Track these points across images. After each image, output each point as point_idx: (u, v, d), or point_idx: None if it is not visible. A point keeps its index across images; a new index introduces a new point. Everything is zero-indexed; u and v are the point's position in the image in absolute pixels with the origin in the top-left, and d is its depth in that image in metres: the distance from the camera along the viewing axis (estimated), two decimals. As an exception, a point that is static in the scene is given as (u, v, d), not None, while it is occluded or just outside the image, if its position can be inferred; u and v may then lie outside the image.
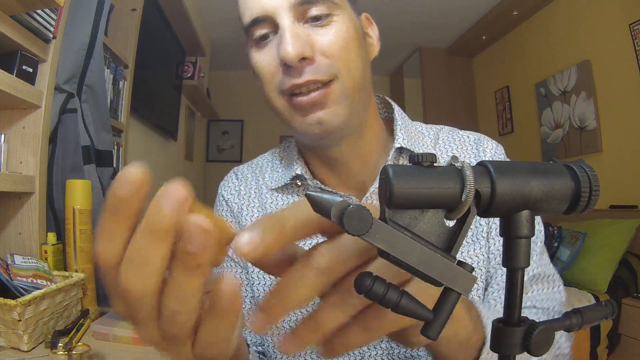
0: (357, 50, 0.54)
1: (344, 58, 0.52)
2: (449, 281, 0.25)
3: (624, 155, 2.77)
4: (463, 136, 0.65)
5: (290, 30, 0.51)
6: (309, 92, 0.52)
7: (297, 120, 0.54)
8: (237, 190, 0.68)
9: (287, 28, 0.51)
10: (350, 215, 0.22)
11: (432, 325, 0.25)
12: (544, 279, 0.58)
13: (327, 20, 0.52)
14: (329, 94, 0.52)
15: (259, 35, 0.54)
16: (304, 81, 0.51)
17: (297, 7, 0.51)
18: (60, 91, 1.30)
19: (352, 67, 0.53)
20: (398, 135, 0.60)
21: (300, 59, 0.50)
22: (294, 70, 0.51)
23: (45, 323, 0.87)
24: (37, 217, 1.11)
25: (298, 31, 0.51)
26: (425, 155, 0.25)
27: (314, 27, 0.52)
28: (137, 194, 0.22)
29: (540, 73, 3.53)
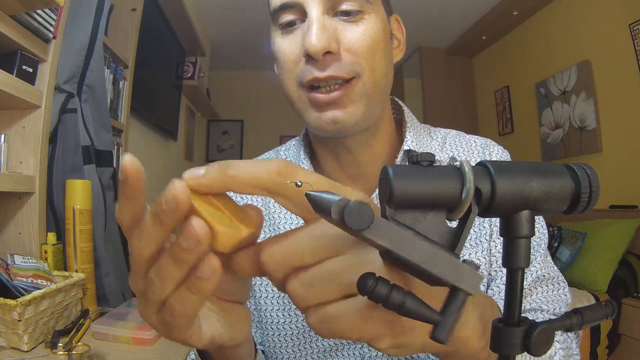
0: (383, 51, 0.53)
1: (369, 57, 0.52)
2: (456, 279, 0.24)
3: (624, 155, 2.77)
4: (470, 140, 0.65)
5: (319, 21, 0.49)
6: (329, 90, 0.51)
7: (311, 115, 0.53)
8: None
9: (315, 19, 0.50)
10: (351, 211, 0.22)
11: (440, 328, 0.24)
12: (549, 280, 0.57)
13: (357, 17, 0.51)
14: (348, 92, 0.51)
15: (286, 21, 0.53)
16: (325, 76, 0.50)
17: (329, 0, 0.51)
18: (60, 91, 1.30)
19: (375, 67, 0.52)
20: (407, 137, 0.60)
21: (324, 53, 0.49)
22: (316, 63, 0.50)
23: (45, 323, 0.87)
24: (37, 217, 1.11)
25: (326, 24, 0.50)
26: (424, 155, 0.25)
27: (343, 21, 0.51)
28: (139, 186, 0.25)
29: (540, 73, 3.53)
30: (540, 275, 0.57)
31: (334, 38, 0.50)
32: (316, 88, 0.51)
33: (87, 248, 1.11)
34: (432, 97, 4.36)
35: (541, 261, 0.58)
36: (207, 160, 4.88)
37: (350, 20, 0.51)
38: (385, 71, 0.54)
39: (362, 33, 0.51)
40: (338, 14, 0.51)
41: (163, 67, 2.95)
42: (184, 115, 3.61)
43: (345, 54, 0.51)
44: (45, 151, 1.15)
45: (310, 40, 0.48)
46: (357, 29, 0.51)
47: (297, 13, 0.52)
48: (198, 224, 0.24)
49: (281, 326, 0.59)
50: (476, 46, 4.28)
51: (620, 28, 2.73)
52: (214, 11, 3.57)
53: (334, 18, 0.51)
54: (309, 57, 0.50)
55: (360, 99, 0.52)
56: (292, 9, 0.52)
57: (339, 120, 0.52)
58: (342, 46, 0.51)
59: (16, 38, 1.02)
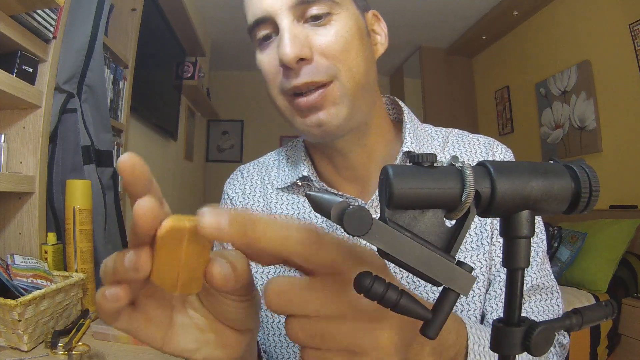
0: (359, 49, 0.53)
1: (344, 58, 0.52)
2: (448, 281, 0.25)
3: (624, 155, 2.77)
4: (473, 139, 0.64)
5: (289, 31, 0.51)
6: (309, 93, 0.52)
7: (298, 121, 0.55)
8: (242, 189, 0.68)
9: (285, 29, 0.51)
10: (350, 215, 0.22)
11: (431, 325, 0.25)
12: (543, 290, 0.57)
13: (327, 19, 0.52)
14: (327, 95, 0.52)
15: (262, 35, 0.54)
16: (302, 83, 0.51)
17: (297, 7, 0.51)
18: (60, 91, 1.30)
19: (352, 66, 0.53)
20: (407, 139, 0.59)
21: (297, 60, 0.50)
22: (292, 71, 0.51)
23: (45, 323, 0.87)
24: (37, 217, 1.11)
25: (297, 32, 0.51)
26: (425, 156, 0.25)
27: (313, 26, 0.52)
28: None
29: (540, 73, 3.53)
30: (535, 285, 0.57)
31: (305, 44, 0.51)
32: (298, 95, 0.53)
33: (87, 248, 1.11)
34: (432, 97, 4.36)
35: (538, 270, 0.57)
36: (207, 160, 4.89)
37: (321, 23, 0.52)
38: (364, 68, 0.54)
39: (334, 35, 0.52)
40: (308, 19, 0.52)
41: (163, 67, 2.95)
42: (184, 115, 3.61)
43: (319, 58, 0.51)
44: (45, 151, 1.15)
45: (283, 50, 0.50)
46: (328, 31, 0.52)
47: (271, 27, 0.53)
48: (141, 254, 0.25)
49: (281, 326, 0.59)
50: (476, 46, 4.28)
51: (620, 28, 2.73)
52: (214, 11, 3.57)
53: (304, 25, 0.52)
54: (285, 66, 0.51)
55: (342, 100, 0.53)
56: (265, 23, 0.53)
57: (323, 123, 0.53)
58: (315, 51, 0.51)
59: (16, 38, 1.02)
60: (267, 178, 0.67)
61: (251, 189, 0.68)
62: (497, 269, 0.57)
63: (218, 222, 0.23)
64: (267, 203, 0.65)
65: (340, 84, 0.52)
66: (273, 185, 0.66)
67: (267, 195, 0.65)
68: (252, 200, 0.67)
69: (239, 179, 0.70)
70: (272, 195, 0.65)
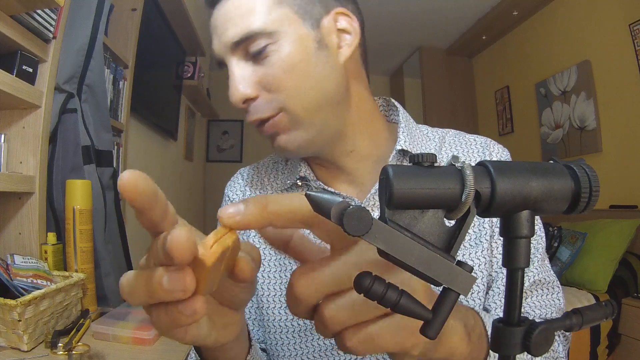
0: (305, 71, 0.52)
1: (287, 87, 0.52)
2: (448, 281, 0.25)
3: (624, 155, 2.77)
4: (470, 139, 0.64)
5: (234, 73, 0.53)
6: (261, 126, 0.55)
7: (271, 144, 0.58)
8: (242, 191, 0.69)
9: (231, 72, 0.53)
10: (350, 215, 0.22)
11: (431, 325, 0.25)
12: (544, 285, 0.58)
13: (264, 53, 0.52)
14: (276, 125, 0.54)
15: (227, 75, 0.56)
16: (252, 120, 0.54)
17: (236, 48, 0.53)
18: (60, 91, 1.30)
19: (298, 92, 0.52)
20: (400, 137, 0.59)
21: (244, 101, 0.52)
22: (244, 110, 0.54)
23: (45, 323, 0.87)
24: (37, 217, 1.11)
25: (243, 73, 0.53)
26: (425, 156, 0.25)
27: (255, 63, 0.53)
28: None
29: (540, 73, 3.53)
30: (537, 280, 0.57)
31: (249, 84, 0.52)
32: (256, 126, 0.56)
33: (87, 248, 1.11)
34: (432, 97, 4.36)
35: (538, 266, 0.58)
36: (207, 160, 4.89)
37: (260, 58, 0.52)
38: (315, 90, 0.53)
39: (272, 67, 0.52)
40: (250, 56, 0.53)
41: (163, 67, 2.95)
42: (184, 115, 3.60)
43: (263, 93, 0.53)
44: (45, 151, 1.15)
45: (229, 94, 0.53)
46: (266, 65, 0.52)
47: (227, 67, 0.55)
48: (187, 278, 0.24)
49: (283, 324, 0.59)
50: (476, 46, 4.28)
51: (620, 28, 2.73)
52: (214, 11, 3.57)
53: (248, 62, 0.53)
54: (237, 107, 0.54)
55: (294, 126, 0.54)
56: (222, 64, 0.56)
57: (283, 147, 0.55)
58: (260, 86, 0.53)
59: (16, 38, 1.02)
60: (267, 180, 0.68)
61: (251, 191, 0.68)
62: (499, 266, 0.58)
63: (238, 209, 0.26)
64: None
65: (287, 113, 0.53)
66: (272, 187, 0.67)
67: None
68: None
69: (240, 182, 0.71)
70: None
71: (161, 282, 0.25)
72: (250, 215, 0.26)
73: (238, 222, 0.26)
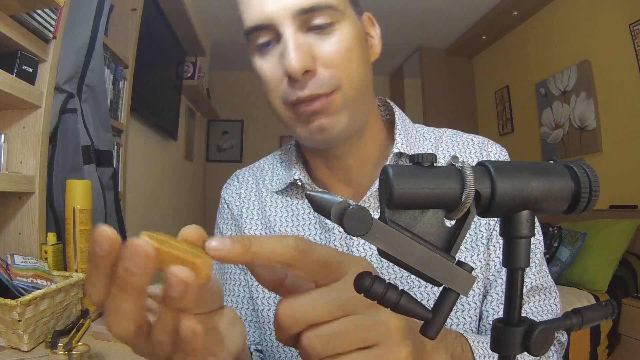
0: (359, 58, 0.54)
1: (346, 68, 0.52)
2: (448, 281, 0.25)
3: (624, 155, 2.77)
4: (467, 139, 0.64)
5: (294, 41, 0.50)
6: (311, 102, 0.52)
7: (300, 128, 0.55)
8: (238, 193, 0.69)
9: (290, 39, 0.50)
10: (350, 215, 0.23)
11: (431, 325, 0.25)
12: (542, 290, 0.58)
13: (329, 29, 0.51)
14: (330, 104, 0.52)
15: (261, 42, 0.53)
16: (306, 95, 0.51)
17: (300, 16, 0.50)
18: (60, 91, 1.30)
19: (354, 75, 0.53)
20: (397, 140, 0.60)
21: (303, 73, 0.50)
22: (297, 82, 0.51)
23: (45, 323, 0.87)
24: (37, 217, 1.11)
25: (301, 42, 0.50)
26: (425, 156, 0.25)
27: (316, 35, 0.52)
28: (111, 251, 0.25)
29: (540, 73, 3.53)
30: (535, 286, 0.57)
31: (309, 56, 0.50)
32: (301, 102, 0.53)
33: (87, 248, 1.11)
34: (432, 97, 4.36)
35: (536, 271, 0.58)
36: (207, 160, 4.89)
37: (323, 33, 0.51)
38: (363, 75, 0.54)
39: (336, 44, 0.51)
40: (311, 29, 0.51)
41: (163, 67, 2.95)
42: (184, 115, 3.60)
43: (322, 69, 0.51)
44: (45, 151, 1.15)
45: (290, 62, 0.49)
46: (330, 41, 0.51)
47: (271, 34, 0.52)
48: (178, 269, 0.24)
49: None
50: (476, 46, 4.28)
51: (620, 28, 2.73)
52: (214, 11, 3.57)
53: (307, 34, 0.52)
54: (290, 78, 0.51)
55: (343, 109, 0.53)
56: (265, 29, 0.52)
57: (325, 128, 0.53)
58: (319, 61, 0.51)
59: (16, 38, 1.02)
60: (262, 182, 0.68)
61: (246, 193, 0.68)
62: (496, 270, 0.57)
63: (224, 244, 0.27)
64: (262, 206, 0.65)
65: (342, 93, 0.52)
66: (267, 188, 0.66)
67: (262, 199, 0.66)
68: (247, 204, 0.67)
69: (235, 184, 0.70)
70: (267, 199, 0.65)
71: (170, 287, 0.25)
72: (232, 254, 0.27)
73: (221, 256, 0.27)
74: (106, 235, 0.24)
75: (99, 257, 0.25)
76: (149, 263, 0.24)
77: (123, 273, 0.24)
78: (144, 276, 0.24)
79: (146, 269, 0.24)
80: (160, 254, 0.24)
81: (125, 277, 0.24)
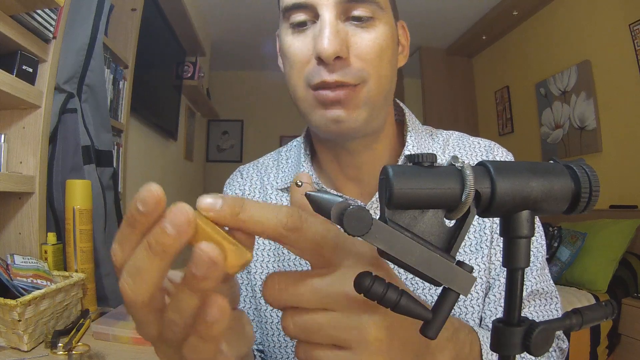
0: (390, 58, 0.54)
1: (377, 64, 0.52)
2: (448, 281, 0.25)
3: (624, 155, 2.77)
4: (474, 142, 0.64)
5: (332, 25, 0.49)
6: (335, 89, 0.51)
7: (316, 114, 0.53)
8: (242, 190, 0.68)
9: (328, 23, 0.50)
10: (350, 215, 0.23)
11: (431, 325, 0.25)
12: (543, 295, 0.57)
13: (369, 23, 0.51)
14: (353, 96, 0.51)
15: (297, 20, 0.53)
16: (333, 80, 0.50)
17: (343, 4, 0.50)
18: (60, 91, 1.30)
19: (382, 74, 0.53)
20: (408, 141, 0.60)
21: (335, 58, 0.49)
22: (326, 66, 0.50)
23: (45, 323, 0.87)
24: (37, 217, 1.11)
25: (339, 28, 0.50)
26: (425, 156, 0.25)
27: (354, 26, 0.51)
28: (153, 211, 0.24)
29: (540, 73, 3.53)
30: (535, 290, 0.57)
31: (344, 43, 0.50)
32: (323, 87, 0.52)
33: (87, 248, 1.11)
34: (432, 97, 4.36)
35: (537, 275, 0.57)
36: (207, 160, 4.89)
37: (362, 25, 0.51)
38: (390, 78, 0.54)
39: (372, 40, 0.51)
40: (350, 18, 0.51)
41: (163, 67, 2.95)
42: (184, 115, 3.61)
43: (354, 59, 0.51)
44: (45, 151, 1.15)
45: (323, 45, 0.48)
46: (367, 35, 0.51)
47: (309, 14, 0.52)
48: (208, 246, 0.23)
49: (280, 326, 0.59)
50: (476, 46, 4.28)
51: (620, 28, 2.73)
52: (214, 11, 3.57)
53: (345, 22, 0.51)
54: (320, 60, 0.50)
55: (364, 105, 0.52)
56: (304, 9, 0.52)
57: (341, 120, 0.52)
58: (352, 52, 0.51)
59: (16, 38, 1.02)
60: (267, 179, 0.67)
61: (250, 190, 0.68)
62: (496, 273, 0.57)
63: (215, 204, 0.26)
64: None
65: (368, 89, 0.52)
66: (272, 185, 0.66)
67: (266, 196, 0.65)
68: None
69: (239, 180, 0.70)
70: (272, 196, 0.65)
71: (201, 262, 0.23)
72: (221, 216, 0.26)
73: (210, 217, 0.26)
74: (154, 193, 0.23)
75: (141, 214, 0.23)
76: (188, 228, 0.23)
77: (159, 233, 0.23)
78: (179, 240, 0.23)
79: (183, 233, 0.23)
80: (198, 227, 0.24)
81: (160, 238, 0.23)
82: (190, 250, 0.24)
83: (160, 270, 0.24)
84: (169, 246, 0.23)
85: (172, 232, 0.23)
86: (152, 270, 0.24)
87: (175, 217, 0.23)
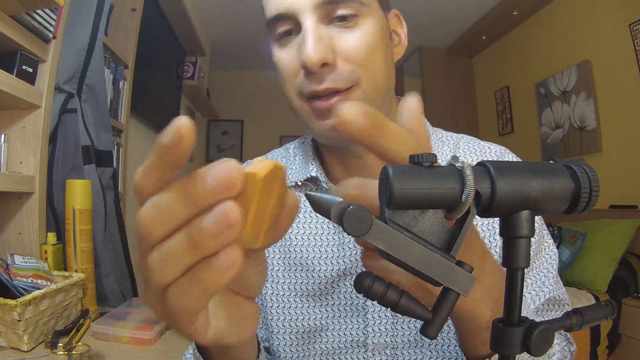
0: (382, 53, 0.52)
1: (367, 64, 0.50)
2: (448, 281, 0.25)
3: (624, 155, 2.77)
4: (484, 147, 0.63)
5: (313, 32, 0.48)
6: (328, 97, 0.50)
7: (314, 124, 0.53)
8: None
9: (309, 30, 0.48)
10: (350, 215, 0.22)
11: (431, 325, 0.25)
12: (557, 303, 0.57)
13: (353, 22, 0.50)
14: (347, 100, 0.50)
15: (282, 31, 0.52)
16: (323, 88, 0.49)
17: (323, 7, 0.49)
18: (60, 91, 1.30)
19: (375, 72, 0.51)
20: None
21: (321, 65, 0.48)
22: (314, 75, 0.49)
23: (45, 323, 0.87)
24: (37, 217, 1.11)
25: (321, 33, 0.49)
26: (425, 156, 0.25)
27: (338, 28, 0.50)
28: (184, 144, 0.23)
29: (540, 73, 3.53)
30: (552, 297, 0.56)
31: (329, 48, 0.49)
32: (316, 97, 0.51)
33: (87, 248, 1.11)
34: (432, 97, 4.36)
35: (554, 282, 0.57)
36: (207, 161, 4.89)
37: (346, 25, 0.50)
38: (385, 73, 0.53)
39: (359, 39, 0.50)
40: (333, 20, 0.50)
41: (163, 67, 2.95)
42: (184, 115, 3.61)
43: (342, 63, 0.50)
44: (45, 151, 1.15)
45: (306, 54, 0.48)
46: (353, 35, 0.50)
47: (292, 24, 0.51)
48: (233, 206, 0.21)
49: (287, 324, 0.59)
50: (476, 46, 4.28)
51: (620, 28, 2.73)
52: (214, 11, 3.57)
53: (329, 26, 0.50)
54: (307, 69, 0.49)
55: None
56: (286, 20, 0.51)
57: None
58: (339, 55, 0.50)
59: (16, 38, 1.02)
60: None
61: None
62: None
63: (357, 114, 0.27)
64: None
65: (361, 90, 0.51)
66: None
67: None
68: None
69: None
70: None
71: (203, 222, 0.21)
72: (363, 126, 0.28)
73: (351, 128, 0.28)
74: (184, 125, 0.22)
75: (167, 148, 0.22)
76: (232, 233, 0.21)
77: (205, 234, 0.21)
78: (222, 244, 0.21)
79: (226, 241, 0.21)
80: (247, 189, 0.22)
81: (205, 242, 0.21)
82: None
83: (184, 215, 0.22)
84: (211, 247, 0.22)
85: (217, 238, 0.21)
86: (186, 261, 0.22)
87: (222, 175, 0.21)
